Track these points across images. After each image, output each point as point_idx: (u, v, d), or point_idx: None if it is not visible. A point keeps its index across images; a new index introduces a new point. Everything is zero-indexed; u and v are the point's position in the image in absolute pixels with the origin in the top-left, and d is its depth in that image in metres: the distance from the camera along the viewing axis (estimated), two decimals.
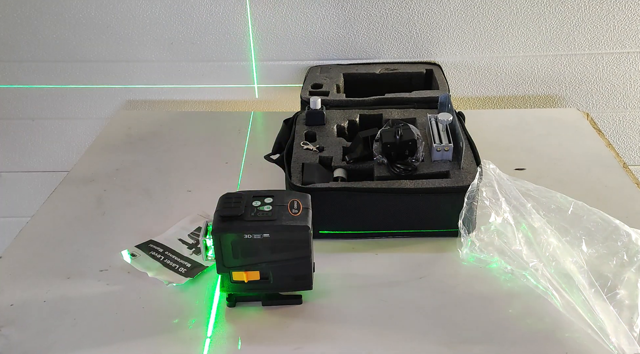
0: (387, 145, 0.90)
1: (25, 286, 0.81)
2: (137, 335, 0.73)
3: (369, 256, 0.86)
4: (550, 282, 0.76)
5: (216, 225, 0.70)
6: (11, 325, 0.74)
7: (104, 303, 0.78)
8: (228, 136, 1.20)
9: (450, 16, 1.27)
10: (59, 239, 0.91)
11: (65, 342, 0.72)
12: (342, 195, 0.85)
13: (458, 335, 0.72)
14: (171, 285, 0.80)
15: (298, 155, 0.94)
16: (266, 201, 0.72)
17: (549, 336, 0.71)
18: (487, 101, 1.37)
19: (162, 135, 1.21)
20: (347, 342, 0.71)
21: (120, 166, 1.10)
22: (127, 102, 1.39)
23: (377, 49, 1.32)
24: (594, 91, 1.35)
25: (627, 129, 1.39)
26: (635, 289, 0.73)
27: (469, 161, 0.91)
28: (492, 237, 0.83)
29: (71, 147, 1.44)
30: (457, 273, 0.82)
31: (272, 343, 0.71)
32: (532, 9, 1.26)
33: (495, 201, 0.83)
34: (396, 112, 1.06)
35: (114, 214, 0.96)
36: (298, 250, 0.72)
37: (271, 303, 0.76)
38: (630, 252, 0.75)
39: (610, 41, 1.29)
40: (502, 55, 1.32)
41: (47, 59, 1.34)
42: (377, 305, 0.77)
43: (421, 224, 0.88)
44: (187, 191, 1.02)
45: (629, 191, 0.99)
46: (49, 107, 1.40)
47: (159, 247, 0.87)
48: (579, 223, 0.80)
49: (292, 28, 1.30)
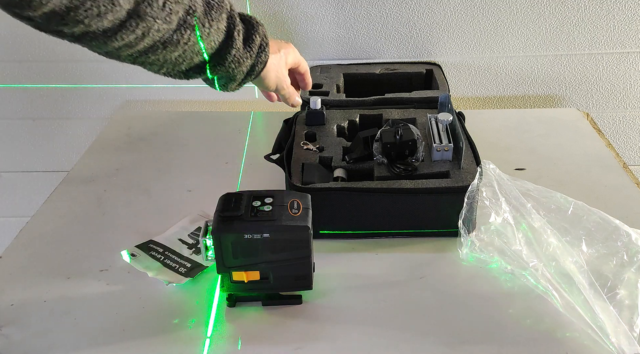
0: (387, 145, 0.90)
1: (25, 286, 0.81)
2: (137, 335, 0.73)
3: (369, 256, 0.86)
4: (550, 282, 0.76)
5: (216, 225, 0.70)
6: (11, 325, 0.74)
7: (104, 303, 0.78)
8: (228, 136, 1.20)
9: (450, 16, 1.27)
10: (59, 239, 0.91)
11: (65, 342, 0.72)
12: (342, 195, 0.85)
13: (458, 335, 0.72)
14: (171, 285, 0.80)
15: (298, 155, 0.94)
16: (266, 201, 0.72)
17: (549, 336, 0.71)
18: (487, 101, 1.37)
19: (162, 135, 1.21)
20: (347, 342, 0.71)
21: (120, 166, 1.10)
22: (127, 102, 1.39)
23: (377, 49, 1.32)
24: (594, 91, 1.35)
25: (627, 129, 1.39)
26: (635, 289, 0.73)
27: (469, 161, 0.91)
28: (492, 237, 0.83)
29: (71, 147, 1.44)
30: (457, 273, 0.82)
31: (272, 343, 0.71)
32: (532, 9, 1.26)
33: (495, 201, 0.83)
34: (396, 112, 1.06)
35: (114, 214, 0.96)
36: (298, 250, 0.72)
37: (271, 303, 0.76)
38: (630, 252, 0.75)
39: (610, 41, 1.29)
40: (502, 55, 1.32)
41: (47, 59, 1.34)
42: (377, 305, 0.77)
43: (421, 224, 0.88)
44: (187, 191, 1.02)
45: (629, 191, 0.99)
46: (49, 107, 1.40)
47: (159, 247, 0.87)
48: (579, 223, 0.80)
49: (292, 28, 1.30)
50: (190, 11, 0.68)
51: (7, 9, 0.59)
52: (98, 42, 0.64)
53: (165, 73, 0.74)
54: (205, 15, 0.70)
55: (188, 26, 0.68)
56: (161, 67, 0.72)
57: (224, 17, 0.72)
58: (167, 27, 0.66)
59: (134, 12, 0.62)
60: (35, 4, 0.55)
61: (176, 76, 0.75)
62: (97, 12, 0.59)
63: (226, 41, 0.73)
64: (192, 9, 0.68)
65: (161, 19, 0.64)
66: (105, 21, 0.61)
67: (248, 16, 0.78)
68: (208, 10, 0.70)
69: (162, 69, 0.72)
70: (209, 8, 0.70)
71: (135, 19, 0.63)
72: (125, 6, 0.61)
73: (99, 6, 0.59)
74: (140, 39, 0.65)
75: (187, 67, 0.73)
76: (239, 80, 0.78)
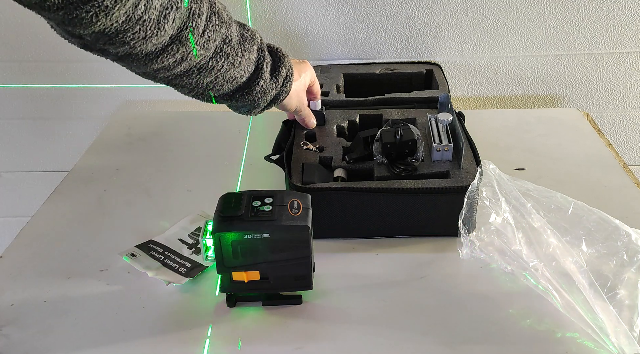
0: (387, 145, 0.90)
1: (25, 286, 0.81)
2: (137, 335, 0.73)
3: (369, 256, 0.86)
4: (550, 282, 0.76)
5: (216, 225, 0.70)
6: (11, 325, 0.74)
7: (104, 303, 0.78)
8: (228, 136, 1.20)
9: (450, 16, 1.27)
10: (59, 239, 0.91)
11: (65, 342, 0.72)
12: (342, 195, 0.85)
13: (458, 335, 0.72)
14: (171, 285, 0.80)
15: (298, 155, 0.94)
16: (266, 201, 0.72)
17: (549, 336, 0.71)
18: (487, 101, 1.37)
19: (162, 135, 1.21)
20: (347, 342, 0.71)
21: (120, 166, 1.10)
22: (127, 102, 1.39)
23: (377, 49, 1.32)
24: (594, 91, 1.35)
25: (627, 129, 1.39)
26: (635, 289, 0.73)
27: (469, 161, 0.91)
28: (492, 237, 0.83)
29: (71, 147, 1.44)
30: (457, 273, 0.82)
31: (272, 343, 0.71)
32: (532, 9, 1.26)
33: (495, 201, 0.83)
34: (396, 112, 1.06)
35: (114, 214, 0.96)
36: (298, 250, 0.72)
37: (271, 303, 0.76)
38: (630, 252, 0.75)
39: (610, 41, 1.29)
40: (502, 55, 1.32)
41: (47, 59, 1.34)
42: (377, 305, 0.77)
43: (421, 224, 0.88)
44: (187, 191, 1.02)
45: (629, 191, 0.99)
46: (49, 107, 1.40)
47: (159, 247, 0.87)
48: (579, 223, 0.80)
49: (292, 28, 1.30)
50: (227, 40, 0.73)
51: (60, 26, 0.62)
52: (139, 63, 0.68)
53: (194, 96, 0.78)
54: (239, 45, 0.75)
55: (223, 54, 0.73)
56: (191, 90, 0.77)
57: (254, 48, 0.78)
58: (205, 54, 0.70)
59: (176, 38, 0.66)
60: (86, 22, 0.58)
61: (204, 100, 0.80)
62: (143, 35, 0.62)
63: (255, 72, 0.79)
64: (229, 39, 0.73)
65: (199, 46, 0.69)
66: (150, 44, 0.64)
67: (275, 48, 0.84)
68: (242, 41, 0.75)
69: (192, 92, 0.77)
70: (243, 39, 0.76)
71: (177, 44, 0.67)
72: (169, 31, 0.64)
73: (146, 30, 0.62)
74: (178, 63, 0.69)
75: (217, 93, 0.78)
76: (262, 107, 0.84)
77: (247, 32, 0.77)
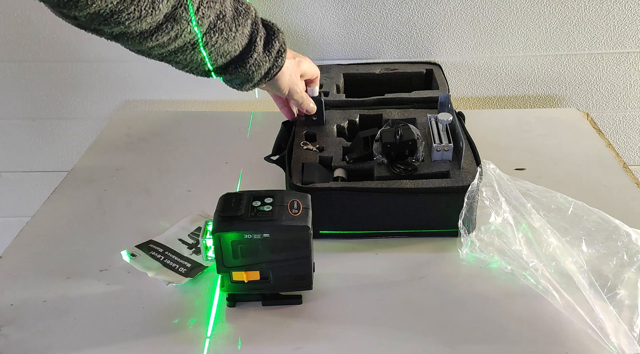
0: (387, 145, 0.90)
1: (25, 286, 0.81)
2: (137, 335, 0.73)
3: (369, 256, 0.86)
4: (550, 282, 0.76)
5: (216, 225, 0.70)
6: (11, 325, 0.74)
7: (104, 303, 0.78)
8: (228, 136, 1.20)
9: (450, 16, 1.27)
10: (59, 239, 0.91)
11: (65, 342, 0.72)
12: (342, 195, 0.85)
13: (458, 335, 0.72)
14: (171, 285, 0.80)
15: (298, 155, 0.94)
16: (266, 201, 0.72)
17: (549, 336, 0.71)
18: (487, 101, 1.37)
19: (162, 135, 1.21)
20: (347, 342, 0.71)
21: (120, 166, 1.10)
22: (127, 102, 1.39)
23: (377, 49, 1.32)
24: (594, 91, 1.35)
25: (627, 129, 1.39)
26: (635, 289, 0.73)
27: (469, 161, 0.91)
28: (492, 237, 0.83)
29: (71, 147, 1.44)
30: (457, 273, 0.82)
31: (272, 343, 0.71)
32: (532, 9, 1.26)
33: (495, 201, 0.83)
34: (396, 112, 1.06)
35: (114, 214, 0.96)
36: (298, 250, 0.72)
37: (271, 303, 0.76)
38: (630, 252, 0.75)
39: (610, 41, 1.29)
40: (502, 55, 1.32)
41: (47, 59, 1.34)
42: (377, 305, 0.77)
43: (421, 224, 0.88)
44: (187, 191, 1.02)
45: (629, 191, 0.99)
46: (49, 107, 1.40)
47: (159, 247, 0.87)
48: (579, 223, 0.80)
49: (292, 28, 1.30)
50: (220, 16, 0.73)
51: (54, 9, 0.63)
52: (133, 41, 0.69)
53: (189, 71, 0.79)
54: (233, 20, 0.74)
55: (217, 30, 0.73)
56: (186, 66, 0.77)
57: (249, 22, 0.77)
58: (199, 30, 0.71)
59: (170, 16, 0.67)
60: (82, 5, 0.59)
61: (199, 75, 0.80)
62: (138, 15, 0.63)
63: (249, 45, 0.78)
64: (222, 14, 0.73)
65: (194, 22, 0.69)
66: (144, 24, 0.65)
67: (270, 23, 0.83)
68: (236, 15, 0.75)
69: (187, 67, 0.78)
70: (237, 14, 0.75)
71: (171, 21, 0.67)
72: (163, 10, 0.65)
73: (141, 10, 0.63)
74: (172, 40, 0.70)
75: (211, 67, 0.78)
76: (255, 82, 0.83)
77: (241, 5, 0.77)
